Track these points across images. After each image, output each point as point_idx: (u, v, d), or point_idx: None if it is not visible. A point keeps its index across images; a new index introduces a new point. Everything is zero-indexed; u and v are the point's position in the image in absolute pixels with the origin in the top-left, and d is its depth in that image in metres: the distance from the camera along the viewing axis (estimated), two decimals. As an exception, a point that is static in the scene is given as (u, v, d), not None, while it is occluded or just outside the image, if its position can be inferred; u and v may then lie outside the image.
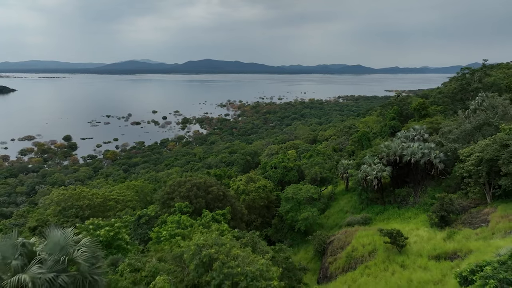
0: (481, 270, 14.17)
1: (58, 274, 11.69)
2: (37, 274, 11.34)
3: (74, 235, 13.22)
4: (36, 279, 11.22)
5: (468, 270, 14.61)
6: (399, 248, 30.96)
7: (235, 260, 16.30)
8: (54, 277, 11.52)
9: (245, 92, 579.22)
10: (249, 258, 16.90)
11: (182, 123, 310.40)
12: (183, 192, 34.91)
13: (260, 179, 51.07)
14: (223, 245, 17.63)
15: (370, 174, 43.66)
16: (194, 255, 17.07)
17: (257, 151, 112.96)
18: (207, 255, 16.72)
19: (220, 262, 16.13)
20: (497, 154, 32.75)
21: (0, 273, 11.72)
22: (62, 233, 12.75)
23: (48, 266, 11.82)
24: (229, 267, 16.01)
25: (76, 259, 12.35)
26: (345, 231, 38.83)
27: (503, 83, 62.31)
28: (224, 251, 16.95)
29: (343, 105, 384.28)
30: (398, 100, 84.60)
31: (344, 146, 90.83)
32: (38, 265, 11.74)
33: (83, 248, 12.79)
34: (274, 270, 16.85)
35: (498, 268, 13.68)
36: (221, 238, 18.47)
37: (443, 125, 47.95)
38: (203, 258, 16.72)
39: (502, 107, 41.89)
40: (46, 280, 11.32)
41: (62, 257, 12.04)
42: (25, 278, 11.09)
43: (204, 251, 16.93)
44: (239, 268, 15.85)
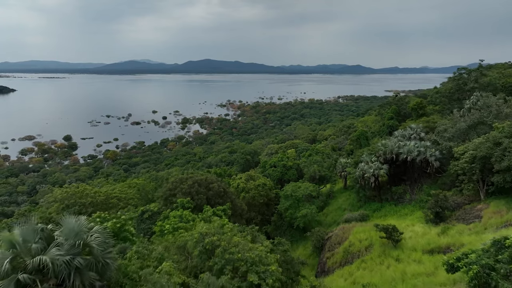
0: (466, 257, 15.09)
1: (74, 256, 12.71)
2: (55, 255, 12.38)
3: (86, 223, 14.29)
4: (55, 260, 12.25)
5: (455, 258, 15.53)
6: (395, 243, 31.91)
7: (236, 247, 17.34)
8: (70, 259, 12.54)
9: (245, 92, 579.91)
10: (248, 245, 17.94)
11: (182, 123, 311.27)
12: (184, 188, 35.90)
13: (259, 177, 52.03)
14: (224, 233, 18.72)
15: (367, 172, 44.61)
16: (197, 242, 18.16)
17: (256, 150, 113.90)
18: (209, 242, 17.79)
19: (222, 249, 17.19)
20: (490, 152, 33.70)
21: (22, 255, 12.75)
22: (76, 220, 13.77)
23: (65, 249, 12.85)
24: (230, 253, 17.08)
25: (90, 243, 13.38)
26: (342, 227, 39.78)
27: (499, 83, 63.30)
28: (225, 239, 18.00)
29: (342, 105, 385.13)
30: (396, 100, 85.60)
31: (343, 145, 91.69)
32: (57, 248, 12.77)
33: (96, 234, 13.84)
34: (272, 257, 17.88)
35: (481, 255, 14.61)
36: (222, 228, 19.56)
37: (439, 124, 48.93)
38: (206, 245, 17.79)
39: (496, 106, 42.85)
40: (64, 261, 12.35)
41: (77, 242, 13.06)
42: (46, 259, 12.12)
43: (207, 239, 18.00)
44: (239, 254, 16.92)
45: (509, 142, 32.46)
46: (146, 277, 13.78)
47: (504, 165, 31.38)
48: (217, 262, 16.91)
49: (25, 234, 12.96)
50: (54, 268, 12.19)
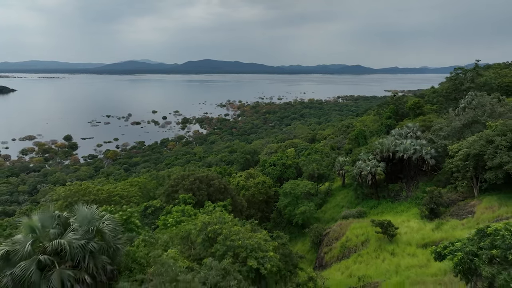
0: (452, 246, 16.08)
1: (88, 241, 13.70)
2: (72, 239, 13.38)
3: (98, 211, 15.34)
4: (72, 243, 13.25)
5: (442, 247, 16.51)
6: (390, 238, 32.92)
7: (237, 235, 18.38)
8: (85, 243, 13.54)
9: (244, 92, 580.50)
10: (248, 234, 18.97)
11: (182, 123, 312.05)
12: (186, 184, 36.93)
13: (259, 175, 52.99)
14: (225, 223, 19.72)
15: (364, 170, 45.58)
16: (201, 230, 19.21)
17: (256, 150, 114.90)
18: (212, 231, 18.86)
19: (224, 236, 18.26)
20: (483, 149, 34.67)
21: (41, 239, 13.75)
22: (89, 209, 14.80)
23: (80, 234, 13.84)
24: (231, 240, 18.13)
25: (102, 229, 14.39)
26: (340, 224, 40.75)
27: (495, 83, 64.28)
28: (227, 228, 19.01)
29: (342, 105, 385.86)
30: (394, 100, 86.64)
31: (342, 144, 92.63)
32: (73, 233, 13.77)
33: (107, 221, 14.85)
34: (270, 244, 18.93)
35: (466, 243, 15.59)
36: (224, 218, 20.58)
37: (434, 123, 49.93)
38: (209, 233, 18.84)
39: (490, 106, 43.83)
40: (79, 245, 13.34)
41: (91, 228, 14.07)
42: (64, 242, 13.12)
43: (210, 227, 19.04)
44: (239, 241, 17.98)
45: (501, 140, 33.43)
46: (154, 259, 14.80)
47: (496, 162, 32.37)
48: (219, 248, 17.97)
49: (44, 220, 14.01)
50: (71, 251, 13.20)
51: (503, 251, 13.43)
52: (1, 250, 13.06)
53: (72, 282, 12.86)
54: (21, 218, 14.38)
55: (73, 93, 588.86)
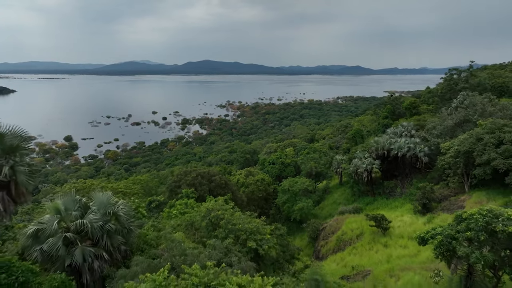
0: (434, 231, 17.63)
1: (106, 222, 15.26)
2: (93, 220, 14.96)
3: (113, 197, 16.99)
4: (92, 223, 14.82)
5: (425, 232, 18.07)
6: (383, 231, 34.45)
7: (238, 220, 19.99)
8: (103, 224, 15.10)
9: (244, 93, 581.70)
10: (248, 219, 20.58)
11: (182, 123, 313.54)
12: (189, 180, 38.48)
13: (258, 173, 54.52)
14: (227, 209, 21.32)
15: (360, 167, 47.13)
16: (205, 216, 20.84)
17: (256, 149, 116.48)
18: (215, 216, 20.47)
19: (226, 221, 19.91)
20: (472, 147, 36.24)
21: (65, 220, 15.33)
22: (104, 195, 16.38)
23: (98, 216, 15.41)
24: (233, 224, 19.78)
25: (117, 212, 15.99)
26: (336, 219, 42.28)
27: (489, 83, 65.89)
28: (228, 213, 20.61)
29: (342, 106, 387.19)
30: (391, 100, 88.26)
31: (340, 144, 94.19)
32: (92, 214, 15.35)
33: (121, 206, 16.42)
34: (267, 228, 20.52)
35: (446, 228, 17.13)
36: (225, 205, 22.22)
37: (428, 121, 51.52)
38: (212, 219, 20.45)
39: (481, 105, 45.39)
40: (98, 225, 14.91)
41: (108, 210, 15.66)
42: (86, 222, 14.69)
43: (213, 213, 20.65)
44: (240, 225, 19.61)
45: (489, 138, 34.99)
46: (165, 236, 16.37)
47: (484, 159, 33.92)
48: (221, 231, 19.57)
49: (67, 203, 15.58)
50: (92, 231, 14.80)
51: (476, 233, 14.95)
52: (30, 229, 14.70)
53: (92, 258, 14.47)
54: (46, 202, 15.99)
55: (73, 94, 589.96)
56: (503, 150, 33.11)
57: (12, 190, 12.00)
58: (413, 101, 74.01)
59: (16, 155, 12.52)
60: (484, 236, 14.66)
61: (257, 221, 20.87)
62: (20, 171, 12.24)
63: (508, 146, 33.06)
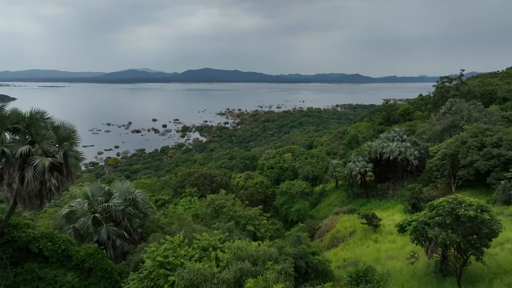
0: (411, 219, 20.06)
1: (126, 206, 17.71)
2: (116, 204, 17.41)
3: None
4: (116, 206, 17.26)
5: (403, 221, 20.50)
6: (374, 228, 36.71)
7: (238, 207, 22.49)
8: (124, 208, 17.53)
9: (244, 101, 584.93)
10: (246, 208, 23.01)
11: (182, 131, 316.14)
12: (192, 180, 40.89)
13: (257, 176, 56.90)
14: (228, 199, 23.80)
15: (354, 170, 49.56)
16: (209, 205, 23.33)
17: (255, 155, 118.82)
18: (218, 204, 22.97)
19: (227, 208, 22.43)
20: (457, 149, 38.73)
21: (92, 203, 17.79)
22: (124, 184, 18.88)
23: (120, 201, 17.86)
24: (234, 211, 22.25)
25: (136, 198, 18.46)
26: (331, 218, 44.56)
27: (479, 91, 68.60)
28: (230, 203, 23.11)
29: (341, 114, 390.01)
30: (386, 107, 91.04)
31: (337, 150, 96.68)
32: (115, 199, 17.80)
33: (139, 193, 18.90)
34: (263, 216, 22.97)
35: (421, 216, 19.56)
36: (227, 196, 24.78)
37: (418, 127, 54.07)
38: (216, 207, 22.95)
39: (467, 111, 47.99)
40: (120, 209, 17.35)
41: (128, 196, 18.14)
42: (110, 205, 17.14)
43: (216, 202, 23.18)
44: (240, 212, 22.08)
45: (472, 141, 37.51)
46: (178, 216, 18.79)
47: (468, 161, 36.40)
48: (224, 217, 22.03)
49: (93, 190, 18.08)
50: (115, 213, 17.25)
51: (443, 217, 17.35)
52: (65, 211, 17.20)
53: (115, 236, 16.90)
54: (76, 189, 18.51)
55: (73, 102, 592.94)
56: (484, 152, 35.60)
57: (64, 171, 14.44)
58: (407, 108, 76.67)
59: (67, 143, 15.11)
60: (449, 219, 17.06)
61: (254, 209, 23.36)
62: (71, 156, 14.77)
63: (489, 148, 35.56)
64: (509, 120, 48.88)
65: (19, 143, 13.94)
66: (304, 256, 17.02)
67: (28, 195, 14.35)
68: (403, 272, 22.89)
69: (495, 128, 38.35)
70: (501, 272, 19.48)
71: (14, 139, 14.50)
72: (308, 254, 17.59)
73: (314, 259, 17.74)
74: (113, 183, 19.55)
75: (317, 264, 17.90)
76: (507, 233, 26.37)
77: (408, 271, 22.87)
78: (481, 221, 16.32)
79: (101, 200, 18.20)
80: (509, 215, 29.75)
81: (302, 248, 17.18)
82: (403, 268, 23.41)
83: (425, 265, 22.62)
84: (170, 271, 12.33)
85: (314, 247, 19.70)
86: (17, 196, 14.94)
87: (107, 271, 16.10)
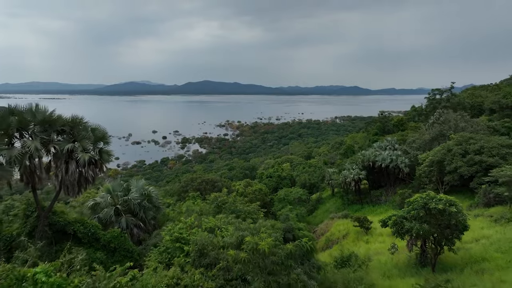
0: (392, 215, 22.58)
1: (142, 200, 20.28)
2: (134, 197, 20.05)
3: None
4: (134, 199, 19.87)
5: (385, 217, 23.03)
6: (366, 230, 39.13)
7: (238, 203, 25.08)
8: (140, 201, 20.10)
9: (243, 113, 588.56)
10: (246, 204, 25.58)
11: (181, 142, 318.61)
12: (195, 185, 43.46)
13: (256, 184, 59.34)
14: (230, 197, 26.39)
15: (348, 177, 52.10)
16: (212, 201, 25.90)
17: (255, 166, 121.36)
18: (221, 201, 25.54)
19: (229, 204, 24.99)
20: (443, 157, 41.36)
21: (114, 197, 20.36)
22: (139, 181, 21.51)
23: (137, 195, 20.47)
24: (235, 206, 24.81)
25: (151, 193, 21.05)
26: (326, 223, 46.98)
27: (469, 102, 71.60)
28: (231, 199, 25.68)
29: (339, 125, 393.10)
30: (381, 118, 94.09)
31: (335, 160, 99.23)
32: (133, 194, 20.40)
33: (153, 189, 21.52)
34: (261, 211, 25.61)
35: (400, 211, 22.09)
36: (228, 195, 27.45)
37: (409, 136, 56.81)
38: (219, 203, 25.52)
39: (454, 121, 50.80)
40: (137, 202, 19.91)
41: (143, 192, 20.75)
42: (130, 198, 19.70)
43: (219, 199, 25.78)
44: (240, 207, 24.66)
45: (457, 149, 40.17)
46: (187, 207, 21.33)
47: (452, 167, 39.00)
48: (225, 212, 24.57)
49: (114, 186, 20.70)
50: (133, 206, 19.79)
51: (417, 211, 19.90)
52: (91, 203, 19.79)
53: (132, 225, 19.44)
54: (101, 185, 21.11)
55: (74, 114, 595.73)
56: (467, 159, 38.24)
57: (98, 165, 17.19)
58: (401, 118, 79.57)
59: (101, 142, 17.92)
60: (422, 212, 19.60)
61: (253, 205, 25.97)
62: (104, 152, 17.58)
63: (472, 155, 38.21)
64: (494, 129, 51.70)
65: (65, 142, 16.77)
66: (291, 230, 20.27)
67: (71, 184, 17.08)
68: (387, 264, 25.40)
69: (477, 137, 41.07)
70: (472, 262, 21.96)
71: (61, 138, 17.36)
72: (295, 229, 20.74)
73: (300, 233, 20.90)
74: (130, 181, 22.19)
75: (302, 236, 20.90)
76: (485, 230, 29.07)
77: (392, 263, 25.37)
78: (449, 213, 18.86)
79: (121, 194, 20.81)
80: (488, 216, 32.31)
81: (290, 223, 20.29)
82: (387, 261, 25.92)
83: (407, 258, 25.10)
84: (184, 244, 14.88)
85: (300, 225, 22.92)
86: (62, 184, 17.63)
87: (129, 251, 18.88)
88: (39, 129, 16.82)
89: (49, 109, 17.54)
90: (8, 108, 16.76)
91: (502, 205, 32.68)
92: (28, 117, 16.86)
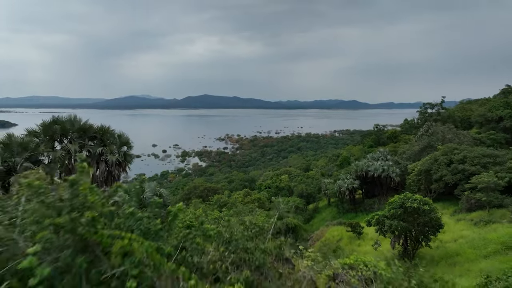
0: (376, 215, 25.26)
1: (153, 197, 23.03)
2: (148, 196, 22.73)
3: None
4: (147, 197, 22.56)
5: (370, 217, 25.69)
6: (358, 235, 41.65)
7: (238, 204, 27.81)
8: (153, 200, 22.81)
9: (243, 127, 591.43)
10: (245, 204, 28.35)
11: (181, 156, 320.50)
12: (197, 193, 46.17)
13: (255, 193, 61.95)
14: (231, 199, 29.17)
15: (342, 187, 54.76)
16: (215, 202, 28.69)
17: (254, 178, 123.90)
18: (223, 201, 28.30)
19: (230, 204, 27.75)
20: (430, 166, 44.15)
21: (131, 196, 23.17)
22: (152, 183, 24.25)
23: (150, 195, 23.24)
24: (235, 207, 27.51)
25: (161, 192, 23.83)
26: (322, 229, 49.43)
27: (459, 116, 74.71)
28: (232, 200, 28.45)
29: (338, 139, 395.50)
30: (376, 131, 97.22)
31: (332, 172, 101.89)
32: (147, 192, 23.16)
33: (163, 190, 24.28)
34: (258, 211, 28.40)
35: (383, 212, 24.77)
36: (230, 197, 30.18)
37: (400, 148, 59.71)
38: (221, 204, 28.27)
39: (441, 133, 53.76)
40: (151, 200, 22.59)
41: (155, 191, 23.51)
42: (144, 196, 22.42)
43: (221, 200, 28.56)
44: (240, 208, 27.38)
45: (443, 159, 43.00)
46: (195, 204, 24.03)
47: (438, 175, 41.77)
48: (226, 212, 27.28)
49: (130, 187, 23.37)
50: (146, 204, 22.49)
51: (396, 210, 22.59)
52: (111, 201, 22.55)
53: (146, 221, 22.23)
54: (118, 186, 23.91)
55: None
56: (452, 168, 41.03)
57: (123, 166, 19.99)
58: (394, 131, 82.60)
59: (126, 147, 20.81)
60: (400, 211, 22.31)
61: (251, 205, 28.71)
62: (128, 155, 20.42)
63: (456, 164, 41.02)
64: (481, 141, 54.59)
65: (96, 146, 19.68)
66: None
67: (101, 181, 19.78)
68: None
69: (461, 147, 43.98)
70: (447, 257, 24.58)
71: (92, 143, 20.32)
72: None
73: (290, 220, 23.49)
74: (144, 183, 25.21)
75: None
76: (463, 232, 31.75)
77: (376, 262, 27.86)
78: (422, 211, 21.57)
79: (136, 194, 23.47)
80: (469, 220, 34.99)
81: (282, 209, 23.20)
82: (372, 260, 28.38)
83: (391, 255, 27.64)
84: (193, 230, 17.57)
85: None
86: (93, 181, 20.42)
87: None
88: (76, 135, 19.83)
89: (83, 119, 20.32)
90: (52, 119, 19.57)
91: (482, 209, 35.36)
92: (68, 126, 19.81)
